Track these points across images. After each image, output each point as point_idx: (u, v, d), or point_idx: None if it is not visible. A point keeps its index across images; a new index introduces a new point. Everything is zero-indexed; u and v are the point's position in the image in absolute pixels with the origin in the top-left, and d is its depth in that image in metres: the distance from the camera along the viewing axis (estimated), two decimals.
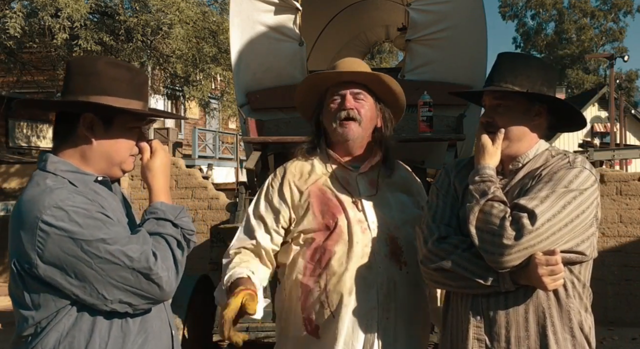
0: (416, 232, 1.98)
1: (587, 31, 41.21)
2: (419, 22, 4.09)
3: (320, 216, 2.07)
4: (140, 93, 1.77)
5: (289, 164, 2.23)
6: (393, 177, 2.20)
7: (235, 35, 4.26)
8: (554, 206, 1.73)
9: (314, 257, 2.06)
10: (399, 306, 2.04)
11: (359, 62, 2.24)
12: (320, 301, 2.03)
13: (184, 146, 25.46)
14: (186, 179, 7.71)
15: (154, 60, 11.92)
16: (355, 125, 2.11)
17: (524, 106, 1.90)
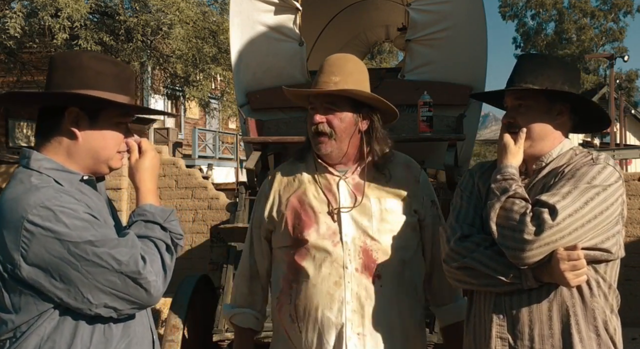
0: (440, 233, 1.97)
1: (587, 31, 41.19)
2: (419, 22, 4.09)
3: (291, 230, 2.06)
4: (126, 88, 1.71)
5: (279, 169, 2.22)
6: (384, 181, 2.12)
7: (235, 35, 4.25)
8: (576, 201, 1.71)
9: (287, 272, 2.08)
10: (373, 322, 1.99)
11: (342, 62, 2.11)
12: (290, 314, 2.06)
13: (184, 146, 25.46)
14: (186, 179, 7.70)
15: (154, 60, 11.92)
16: (326, 139, 2.05)
17: (545, 105, 1.89)
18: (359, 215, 2.05)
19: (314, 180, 2.11)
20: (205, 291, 4.02)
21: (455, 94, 4.05)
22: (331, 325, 1.98)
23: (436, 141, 3.93)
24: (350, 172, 2.11)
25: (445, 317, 2.23)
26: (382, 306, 2.01)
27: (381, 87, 4.18)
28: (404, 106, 4.14)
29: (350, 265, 2.01)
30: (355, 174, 2.11)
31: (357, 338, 1.97)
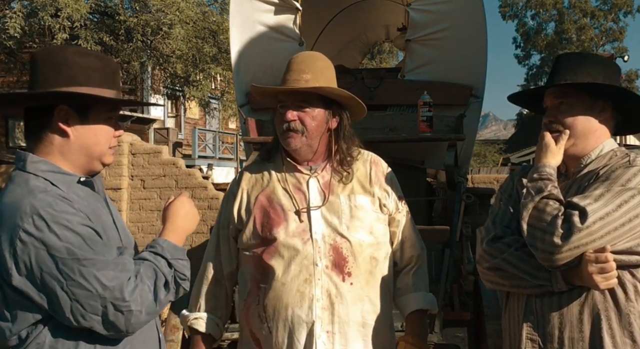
0: (477, 234, 1.96)
1: (587, 31, 41.18)
2: (419, 22, 4.09)
3: (260, 228, 2.05)
4: (113, 82, 1.68)
5: (246, 169, 2.21)
6: (353, 178, 2.11)
7: (235, 35, 4.25)
8: (608, 204, 1.67)
9: (254, 271, 2.06)
10: (342, 320, 1.98)
11: (312, 60, 2.10)
12: (259, 315, 2.03)
13: (184, 146, 25.46)
14: (186, 179, 7.70)
15: (154, 60, 11.93)
16: (298, 136, 2.03)
17: (587, 102, 1.85)
18: (329, 213, 2.04)
19: (282, 178, 2.10)
20: None
21: (455, 94, 4.05)
22: (301, 323, 1.97)
23: (436, 141, 3.93)
24: (320, 170, 2.10)
25: (409, 304, 2.16)
26: (352, 304, 2.00)
27: (381, 87, 4.19)
28: (404, 106, 4.15)
29: (321, 262, 2.00)
30: (325, 171, 2.10)
31: (327, 336, 1.97)
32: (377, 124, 4.04)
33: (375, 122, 4.03)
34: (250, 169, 2.19)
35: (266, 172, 2.13)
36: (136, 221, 7.70)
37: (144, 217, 7.70)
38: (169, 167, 7.69)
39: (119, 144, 1.78)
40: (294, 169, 2.11)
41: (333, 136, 2.09)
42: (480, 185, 6.98)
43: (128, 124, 21.37)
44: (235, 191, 2.15)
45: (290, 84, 2.04)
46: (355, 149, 2.16)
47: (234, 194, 2.15)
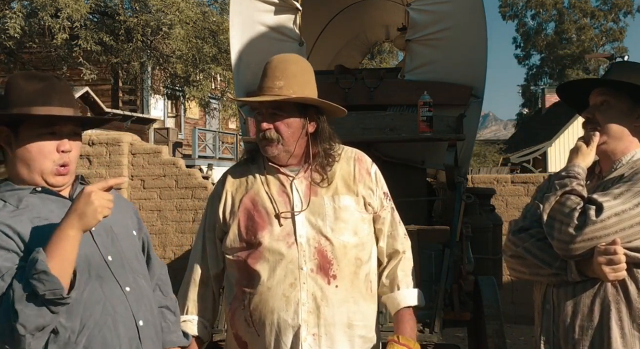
0: (508, 227, 2.05)
1: (587, 31, 41.19)
2: (419, 22, 4.09)
3: (244, 232, 2.04)
4: (50, 99, 1.75)
5: (230, 171, 2.20)
6: (336, 176, 2.10)
7: (235, 35, 4.25)
8: (626, 202, 1.76)
9: (239, 275, 2.06)
10: (328, 322, 1.99)
11: (285, 65, 2.11)
12: (245, 318, 2.03)
13: (184, 146, 25.48)
14: (186, 179, 7.70)
15: (154, 60, 11.94)
16: (274, 144, 2.03)
17: (627, 106, 1.92)
18: (313, 215, 2.04)
19: (266, 181, 2.09)
20: None
21: (455, 94, 4.05)
22: (288, 327, 1.97)
23: (436, 141, 3.93)
24: (302, 172, 2.09)
25: (395, 302, 2.15)
26: (338, 306, 2.01)
27: (381, 87, 4.19)
28: (404, 106, 4.15)
29: (306, 266, 2.00)
30: (307, 173, 2.09)
31: (313, 339, 1.98)
32: (377, 124, 4.03)
33: (375, 122, 4.03)
34: (234, 171, 2.18)
35: (250, 175, 2.12)
36: None
37: (144, 218, 7.70)
38: (169, 167, 7.70)
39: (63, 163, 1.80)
40: (277, 171, 2.10)
41: (311, 139, 2.08)
42: (480, 185, 6.98)
43: (128, 124, 21.39)
44: (220, 192, 2.14)
45: (264, 92, 2.05)
46: (337, 147, 2.14)
47: (218, 196, 2.14)
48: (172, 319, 2.03)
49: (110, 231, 1.84)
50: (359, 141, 4.22)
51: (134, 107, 23.42)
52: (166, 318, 2.02)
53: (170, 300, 2.06)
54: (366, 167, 2.16)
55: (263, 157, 2.12)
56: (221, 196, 2.13)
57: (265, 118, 2.04)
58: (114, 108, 21.93)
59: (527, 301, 5.88)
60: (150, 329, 1.84)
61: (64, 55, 10.73)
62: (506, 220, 6.74)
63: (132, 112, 22.64)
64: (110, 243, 1.83)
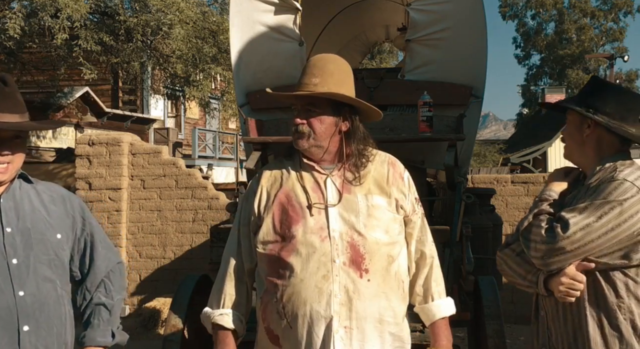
0: None
1: (587, 31, 41.18)
2: (419, 22, 4.09)
3: (278, 225, 2.09)
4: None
5: (266, 167, 2.26)
6: (369, 177, 2.15)
7: (235, 35, 4.25)
8: (590, 216, 1.89)
9: (272, 268, 2.08)
10: (360, 315, 2.01)
11: (323, 63, 2.16)
12: (277, 311, 2.05)
13: (184, 146, 25.46)
14: (186, 179, 7.70)
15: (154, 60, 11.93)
16: (305, 138, 2.11)
17: (578, 118, 2.10)
18: (346, 211, 2.08)
19: (300, 177, 2.15)
20: (206, 291, 4.01)
21: (455, 94, 4.05)
22: (320, 318, 2.00)
23: (436, 141, 3.93)
24: (337, 170, 2.15)
25: (432, 313, 2.19)
26: (369, 300, 2.03)
27: (381, 87, 4.19)
28: (404, 106, 4.15)
29: (338, 259, 2.03)
30: (341, 172, 2.14)
31: (344, 331, 2.00)
32: (377, 124, 4.01)
33: (375, 122, 4.02)
34: (270, 168, 2.24)
35: (285, 171, 2.18)
36: (136, 221, 7.70)
37: (144, 217, 7.70)
38: (169, 167, 7.69)
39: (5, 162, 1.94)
40: (312, 168, 2.14)
41: (344, 138, 2.14)
42: (480, 185, 6.99)
43: (128, 124, 21.39)
44: (255, 188, 2.19)
45: (301, 88, 2.11)
46: (371, 150, 2.20)
47: (254, 192, 2.19)
48: (104, 317, 2.11)
49: (28, 234, 1.94)
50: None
51: (134, 107, 23.41)
52: (99, 316, 2.11)
53: (110, 299, 2.14)
54: (399, 172, 2.22)
55: (299, 154, 2.17)
56: (256, 191, 2.18)
57: (300, 113, 2.12)
58: (114, 108, 21.93)
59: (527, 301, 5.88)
60: (39, 334, 1.91)
61: (64, 55, 10.72)
62: (506, 220, 6.74)
63: (132, 112, 22.64)
64: (22, 247, 1.92)
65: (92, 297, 2.14)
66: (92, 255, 2.13)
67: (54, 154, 15.13)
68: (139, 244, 7.70)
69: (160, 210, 7.67)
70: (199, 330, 3.81)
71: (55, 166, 10.29)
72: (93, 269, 2.13)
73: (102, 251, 2.16)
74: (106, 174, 7.59)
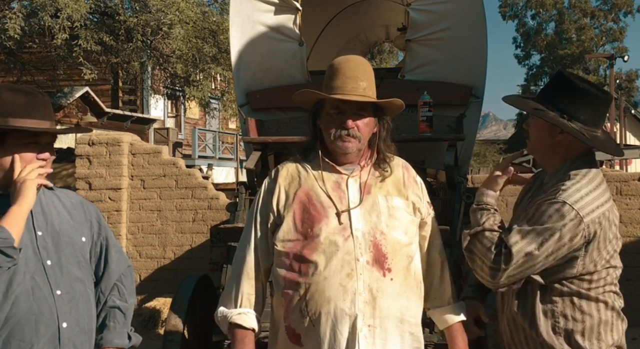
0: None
1: (587, 31, 41.18)
2: (419, 22, 4.09)
3: (300, 224, 2.08)
4: (35, 113, 1.97)
5: (283, 165, 2.24)
6: (388, 180, 2.17)
7: (235, 35, 4.25)
8: (531, 243, 1.98)
9: (293, 266, 2.06)
10: (383, 314, 2.02)
11: (363, 67, 2.18)
12: (300, 309, 2.04)
13: (184, 146, 25.46)
14: (186, 179, 7.70)
15: (154, 60, 11.93)
16: (356, 141, 2.11)
17: (545, 124, 2.09)
18: (368, 211, 2.10)
19: (321, 177, 2.14)
20: (205, 291, 4.02)
21: (455, 94, 4.05)
22: (344, 316, 1.99)
23: (436, 141, 3.93)
24: (357, 171, 2.16)
25: (449, 316, 2.23)
26: (393, 299, 2.04)
27: (381, 87, 4.18)
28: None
29: (362, 257, 2.03)
30: (362, 172, 2.16)
31: (368, 330, 2.00)
32: None
33: None
34: (286, 167, 2.22)
35: (303, 171, 2.17)
36: (136, 221, 7.70)
37: (144, 217, 7.70)
38: (169, 167, 7.69)
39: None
40: (332, 169, 2.15)
41: (374, 139, 2.18)
42: None
43: (128, 124, 21.39)
44: (272, 187, 2.17)
45: (349, 91, 2.10)
46: (392, 152, 2.24)
47: (271, 190, 2.17)
48: (120, 320, 2.17)
49: (57, 237, 2.03)
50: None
51: (134, 107, 23.41)
52: (114, 318, 2.17)
53: (124, 302, 2.20)
54: (413, 176, 2.27)
55: (319, 154, 2.17)
56: (274, 190, 2.16)
57: (350, 116, 2.11)
58: (114, 108, 21.93)
59: None
60: (74, 331, 1.99)
61: (64, 55, 10.72)
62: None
63: (132, 112, 22.64)
64: (53, 249, 2.01)
65: (107, 300, 2.19)
66: (107, 259, 2.20)
67: None
68: (139, 244, 7.70)
69: (160, 210, 7.67)
70: (199, 330, 3.82)
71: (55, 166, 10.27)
72: (107, 273, 2.19)
73: (115, 255, 2.23)
74: (106, 174, 7.59)
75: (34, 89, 2.09)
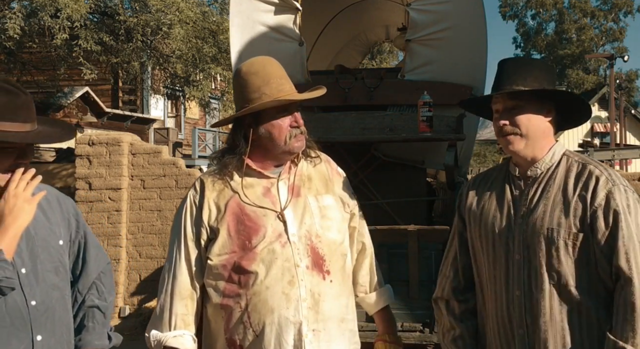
0: None
1: (587, 31, 41.20)
2: (419, 22, 4.09)
3: (235, 236, 2.02)
4: (16, 114, 1.82)
5: (206, 176, 2.16)
6: (315, 179, 2.14)
7: (235, 35, 4.25)
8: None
9: (232, 277, 2.01)
10: (326, 317, 2.02)
11: (273, 67, 2.29)
12: (243, 321, 2.00)
13: (184, 146, 25.46)
14: (186, 179, 7.70)
15: (154, 60, 11.93)
16: (304, 138, 2.10)
17: (536, 105, 1.93)
18: (301, 214, 2.06)
19: (249, 184, 2.08)
20: None
21: (455, 94, 4.04)
22: (289, 325, 1.97)
23: (436, 141, 3.93)
24: (285, 173, 2.11)
25: (379, 301, 2.24)
26: (333, 301, 2.05)
27: (381, 87, 4.19)
28: (404, 106, 4.15)
29: (302, 263, 2.02)
30: (289, 174, 2.12)
31: (313, 335, 1.99)
32: (377, 124, 4.04)
33: (375, 122, 4.03)
34: (210, 178, 2.13)
35: (230, 180, 2.09)
36: (136, 221, 7.70)
37: (144, 217, 7.70)
38: (169, 167, 7.69)
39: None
40: (259, 174, 2.09)
41: None
42: None
43: (128, 124, 21.39)
44: (201, 201, 2.09)
45: (288, 92, 2.16)
46: (314, 151, 2.19)
47: (199, 205, 2.09)
48: (99, 320, 2.08)
49: (32, 242, 1.88)
50: (359, 141, 4.24)
51: (134, 107, 23.40)
52: (93, 318, 2.07)
53: (103, 301, 2.11)
54: (335, 168, 2.23)
55: (241, 159, 2.09)
56: (202, 203, 2.08)
57: (299, 117, 2.13)
58: (114, 108, 21.92)
59: None
60: (50, 343, 1.88)
61: (64, 55, 10.72)
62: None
63: (132, 112, 22.63)
64: (28, 255, 1.87)
65: (85, 299, 2.09)
66: (85, 257, 2.09)
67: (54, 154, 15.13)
68: (139, 244, 7.70)
69: (160, 210, 7.67)
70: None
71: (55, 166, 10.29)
72: (85, 271, 2.09)
73: (94, 253, 2.12)
74: (106, 174, 7.59)
75: (15, 86, 1.92)
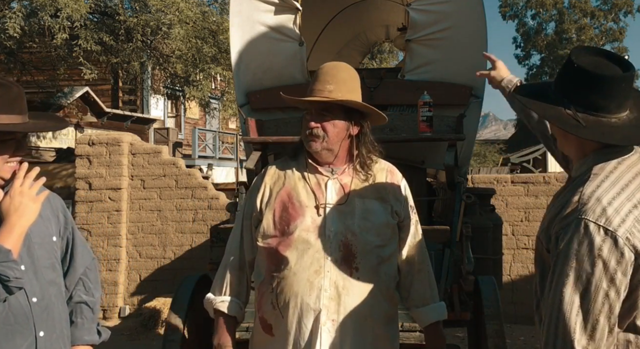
0: None
1: (587, 31, 41.19)
2: (419, 22, 4.09)
3: (278, 221, 2.21)
4: (10, 107, 1.87)
5: (271, 166, 2.37)
6: (369, 184, 2.26)
7: (235, 35, 4.25)
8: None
9: (269, 260, 2.20)
10: (348, 310, 2.12)
11: (336, 71, 2.26)
12: (271, 301, 2.18)
13: (184, 146, 25.46)
14: (186, 179, 7.70)
15: (154, 60, 11.94)
16: (319, 141, 2.20)
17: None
18: (343, 212, 2.20)
19: (303, 177, 2.26)
20: (205, 291, 4.01)
21: (455, 94, 4.05)
22: (309, 310, 2.11)
23: (436, 141, 3.93)
24: (339, 173, 2.25)
25: (427, 316, 2.34)
26: (357, 297, 2.14)
27: (381, 87, 4.19)
28: (404, 106, 4.15)
29: (332, 256, 2.15)
30: (343, 175, 2.26)
31: (331, 324, 2.11)
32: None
33: None
34: (275, 166, 2.35)
35: (289, 170, 2.29)
36: (136, 221, 7.70)
37: (144, 217, 7.70)
38: (169, 167, 7.70)
39: (14, 162, 1.95)
40: (315, 170, 2.26)
41: (354, 141, 2.26)
42: (480, 185, 6.98)
43: (128, 124, 21.39)
44: (259, 184, 2.31)
45: (315, 94, 2.22)
46: (374, 157, 2.31)
47: (258, 188, 2.31)
48: (88, 316, 2.13)
49: (29, 239, 1.90)
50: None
51: (134, 107, 23.41)
52: (82, 314, 2.12)
53: (91, 296, 2.15)
54: (397, 179, 2.35)
55: (305, 155, 2.28)
56: (260, 187, 2.30)
57: (314, 117, 2.22)
58: (114, 108, 21.93)
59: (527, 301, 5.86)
60: (52, 338, 1.91)
61: (64, 55, 10.72)
62: (506, 220, 6.74)
63: (132, 112, 22.64)
64: (25, 252, 1.89)
65: (72, 295, 2.14)
66: (73, 253, 2.13)
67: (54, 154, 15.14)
68: (139, 244, 7.70)
69: (160, 210, 7.67)
70: (199, 330, 3.82)
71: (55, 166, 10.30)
72: (73, 267, 2.13)
73: (80, 249, 2.16)
74: (106, 174, 7.59)
75: (5, 79, 1.96)
